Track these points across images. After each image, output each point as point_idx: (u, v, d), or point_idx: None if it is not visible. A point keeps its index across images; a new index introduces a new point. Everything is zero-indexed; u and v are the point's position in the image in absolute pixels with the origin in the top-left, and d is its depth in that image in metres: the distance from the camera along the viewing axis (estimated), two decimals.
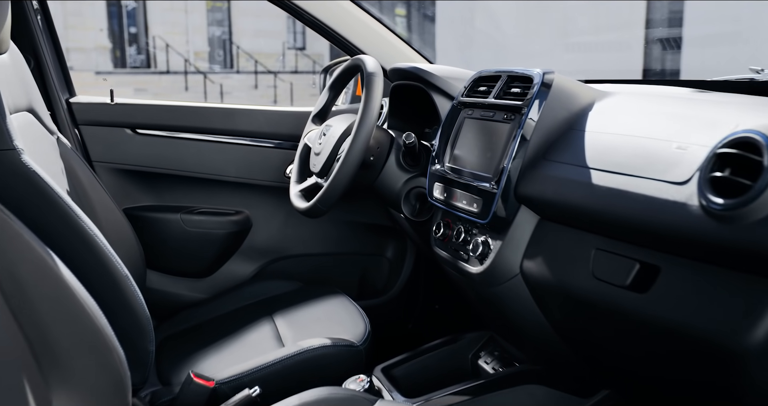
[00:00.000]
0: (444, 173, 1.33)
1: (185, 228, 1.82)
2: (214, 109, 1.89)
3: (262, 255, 1.95)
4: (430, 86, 1.52)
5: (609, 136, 1.05)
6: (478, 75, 1.36)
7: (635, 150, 0.97)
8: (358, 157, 1.33)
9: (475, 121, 1.30)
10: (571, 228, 1.07)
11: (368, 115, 1.34)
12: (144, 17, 16.22)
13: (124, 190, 1.87)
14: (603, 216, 0.97)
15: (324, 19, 1.73)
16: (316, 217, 1.45)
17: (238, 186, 1.91)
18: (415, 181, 1.48)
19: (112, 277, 1.14)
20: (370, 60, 1.43)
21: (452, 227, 1.34)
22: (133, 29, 16.32)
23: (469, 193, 1.22)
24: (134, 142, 1.86)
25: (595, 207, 0.98)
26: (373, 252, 2.03)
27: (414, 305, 2.05)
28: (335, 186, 1.35)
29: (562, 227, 1.09)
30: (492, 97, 1.26)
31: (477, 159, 1.25)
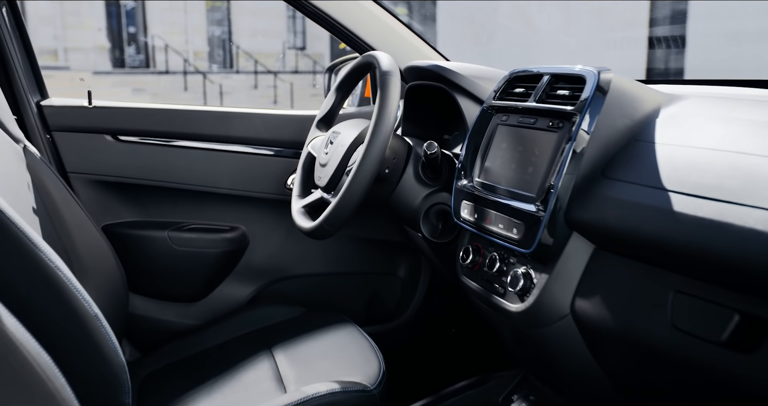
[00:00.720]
0: (474, 190, 1.13)
1: (173, 247, 1.63)
2: (206, 112, 1.69)
3: (260, 276, 1.76)
4: (453, 87, 1.33)
5: (689, 151, 0.85)
6: (512, 74, 1.16)
7: (729, 169, 0.77)
8: (371, 170, 1.13)
9: (510, 128, 1.10)
10: (638, 263, 0.87)
11: (384, 121, 1.14)
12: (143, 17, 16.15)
13: (104, 205, 1.68)
14: (688, 252, 0.76)
15: (329, 11, 1.55)
16: (323, 238, 1.25)
17: (233, 199, 1.73)
18: (437, 197, 1.28)
19: (78, 319, 0.94)
20: (384, 57, 1.23)
21: (483, 252, 1.14)
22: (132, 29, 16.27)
23: (507, 215, 1.02)
24: (115, 151, 1.67)
25: (678, 240, 0.77)
26: (383, 271, 1.84)
27: (429, 329, 1.86)
28: (345, 204, 1.15)
29: (627, 261, 0.89)
30: (533, 100, 1.06)
31: (515, 174, 1.05)
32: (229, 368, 1.30)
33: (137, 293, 1.67)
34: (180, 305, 1.71)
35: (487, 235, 1.08)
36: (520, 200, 1.01)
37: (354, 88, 1.46)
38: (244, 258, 1.74)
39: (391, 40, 1.61)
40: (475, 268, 1.15)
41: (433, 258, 1.46)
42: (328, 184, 1.28)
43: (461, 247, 1.20)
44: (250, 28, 16.60)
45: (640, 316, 0.86)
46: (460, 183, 1.18)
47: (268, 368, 1.28)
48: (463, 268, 1.19)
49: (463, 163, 1.19)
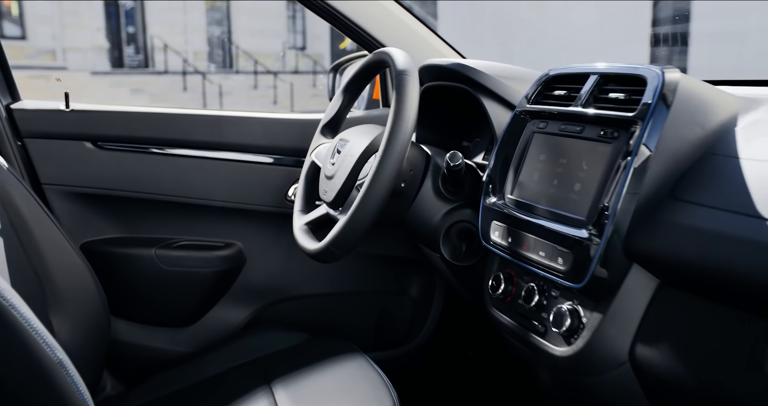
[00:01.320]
0: (506, 209, 0.96)
1: (161, 266, 1.48)
2: (198, 116, 1.52)
3: (258, 297, 1.60)
4: (478, 89, 1.17)
5: None
6: (550, 74, 1.00)
7: None
8: (387, 186, 0.98)
9: (550, 137, 0.94)
10: (720, 305, 0.71)
11: (402, 128, 0.98)
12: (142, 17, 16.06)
13: (83, 221, 1.52)
14: None
15: (335, 5, 1.39)
16: (329, 262, 1.09)
17: (228, 212, 1.56)
18: (459, 214, 1.13)
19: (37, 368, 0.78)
20: (399, 54, 1.07)
21: (516, 281, 0.98)
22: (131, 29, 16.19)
23: (550, 241, 0.86)
24: (96, 159, 1.50)
25: None
26: (393, 290, 1.69)
27: (444, 353, 1.70)
28: (356, 224, 1.00)
29: (705, 302, 0.72)
30: (579, 104, 0.90)
31: (558, 192, 0.89)
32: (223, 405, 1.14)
33: (121, 317, 1.51)
34: (169, 331, 1.56)
35: (524, 263, 0.92)
36: (566, 224, 0.85)
37: (363, 89, 1.30)
38: (241, 278, 1.58)
39: (404, 36, 1.46)
40: (507, 300, 0.99)
41: (454, 282, 1.30)
42: (335, 199, 1.12)
43: (490, 273, 1.04)
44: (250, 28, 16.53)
45: (724, 371, 0.70)
46: (489, 200, 1.02)
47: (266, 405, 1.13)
48: (493, 299, 1.02)
49: (492, 177, 1.03)
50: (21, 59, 13.49)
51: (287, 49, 17.12)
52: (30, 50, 13.79)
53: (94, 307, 1.19)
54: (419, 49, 1.44)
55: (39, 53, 13.89)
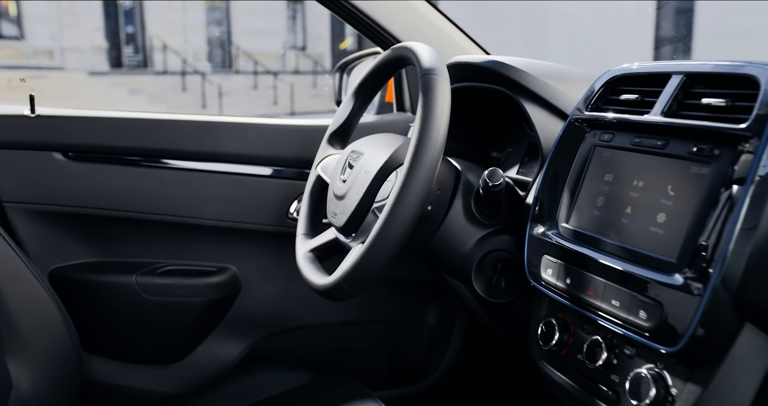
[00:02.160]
0: (562, 241, 0.78)
1: (143, 296, 1.29)
2: (185, 122, 1.33)
3: (256, 329, 1.42)
4: (519, 91, 0.98)
5: None
6: (617, 73, 0.81)
7: None
8: (414, 211, 0.80)
9: (619, 153, 0.76)
10: None
11: (432, 139, 0.81)
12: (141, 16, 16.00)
13: (52, 244, 1.34)
14: None
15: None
16: (340, 301, 0.91)
17: (220, 233, 1.38)
18: (495, 241, 0.95)
19: None
20: (425, 50, 0.89)
21: (574, 331, 0.79)
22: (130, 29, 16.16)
23: (628, 288, 0.67)
24: (67, 172, 1.31)
25: None
26: (408, 318, 1.52)
27: (467, 389, 1.51)
28: (374, 258, 0.82)
29: None
30: (659, 112, 0.72)
31: (633, 224, 0.71)
32: None
33: (96, 354, 1.34)
34: (152, 369, 1.37)
35: (589, 312, 0.73)
36: (648, 267, 0.66)
37: (378, 91, 1.11)
38: (236, 306, 1.40)
39: (423, 31, 1.27)
40: (562, 352, 0.80)
41: (485, 319, 1.11)
42: (348, 224, 0.93)
43: (538, 318, 0.85)
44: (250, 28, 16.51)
45: None
46: (538, 230, 0.83)
47: None
48: (543, 351, 0.83)
49: (540, 200, 0.84)
50: (18, 59, 13.42)
51: (287, 49, 17.05)
52: (27, 50, 13.80)
53: (62, 345, 1.04)
54: (440, 45, 1.26)
55: (36, 53, 13.89)
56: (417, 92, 1.39)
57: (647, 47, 9.13)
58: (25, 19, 13.95)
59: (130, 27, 15.98)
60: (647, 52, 9.07)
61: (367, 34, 1.29)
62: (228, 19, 16.90)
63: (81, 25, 14.53)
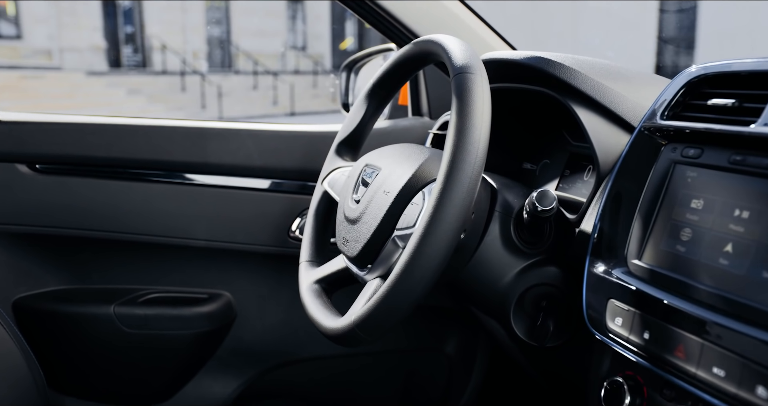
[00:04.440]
0: (633, 283, 0.62)
1: (123, 329, 1.14)
2: (173, 128, 1.18)
3: (252, 363, 1.28)
4: (569, 93, 0.83)
5: None
6: (702, 72, 0.65)
7: None
8: (448, 243, 0.66)
9: (711, 173, 0.60)
10: None
11: (470, 152, 0.66)
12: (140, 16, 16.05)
13: (16, 269, 1.20)
14: None
15: None
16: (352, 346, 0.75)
17: (212, 254, 1.23)
18: (538, 274, 0.81)
19: None
20: (457, 44, 0.74)
21: (648, 394, 0.63)
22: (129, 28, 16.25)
23: (737, 353, 0.51)
24: (34, 186, 1.17)
25: None
26: (425, 347, 1.37)
27: None
28: (398, 303, 0.67)
29: None
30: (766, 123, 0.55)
31: (736, 266, 0.55)
32: None
33: (67, 394, 1.18)
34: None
35: (678, 379, 0.57)
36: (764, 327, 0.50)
37: (395, 93, 0.95)
38: (229, 338, 1.26)
39: (446, 25, 1.11)
40: None
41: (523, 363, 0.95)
42: (362, 254, 0.77)
43: (599, 373, 0.69)
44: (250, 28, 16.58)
45: None
46: (599, 268, 0.67)
47: None
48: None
49: (600, 228, 0.68)
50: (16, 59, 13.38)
51: (287, 49, 17.06)
52: (25, 50, 13.85)
53: (24, 390, 0.90)
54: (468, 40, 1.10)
55: (35, 53, 13.93)
56: (437, 94, 1.24)
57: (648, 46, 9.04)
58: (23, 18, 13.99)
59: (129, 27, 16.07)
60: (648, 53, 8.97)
61: (379, 29, 1.14)
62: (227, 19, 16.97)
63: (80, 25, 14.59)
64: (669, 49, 9.03)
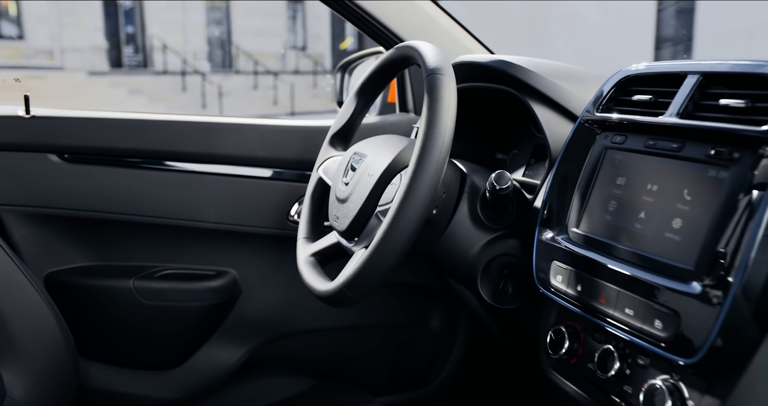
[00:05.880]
0: (572, 247, 0.75)
1: (141, 300, 1.27)
2: (184, 123, 1.31)
3: (256, 334, 1.40)
4: (526, 91, 0.96)
5: None
6: (629, 73, 0.79)
7: None
8: (419, 216, 0.77)
9: (632, 156, 0.73)
10: None
11: (438, 141, 0.78)
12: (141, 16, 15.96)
13: (48, 247, 1.31)
14: None
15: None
16: (343, 307, 0.88)
17: (220, 236, 1.35)
18: (501, 246, 0.93)
19: None
20: (430, 49, 0.87)
21: (584, 339, 0.77)
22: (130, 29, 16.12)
23: (641, 296, 0.65)
24: (63, 174, 1.29)
25: None
26: (411, 322, 1.49)
27: (470, 395, 1.48)
28: (378, 264, 0.79)
29: None
30: (675, 114, 0.69)
31: (647, 229, 0.69)
32: None
33: (93, 360, 1.31)
34: (150, 375, 1.34)
35: (601, 321, 0.71)
36: (664, 274, 0.64)
37: (381, 91, 1.09)
38: (235, 311, 1.37)
39: (427, 30, 1.25)
40: (572, 361, 0.78)
41: (491, 326, 1.08)
42: (350, 228, 0.90)
43: (547, 325, 0.83)
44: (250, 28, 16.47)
45: None
46: (547, 235, 0.80)
47: None
48: (552, 359, 0.81)
49: (549, 203, 0.82)
50: (18, 59, 13.38)
51: (287, 49, 17.00)
52: (27, 50, 13.75)
53: (57, 351, 1.01)
54: (444, 44, 1.23)
55: (36, 53, 13.84)
56: (421, 92, 1.37)
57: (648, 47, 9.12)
58: (25, 19, 13.88)
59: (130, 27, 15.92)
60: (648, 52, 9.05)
61: (369, 33, 1.26)
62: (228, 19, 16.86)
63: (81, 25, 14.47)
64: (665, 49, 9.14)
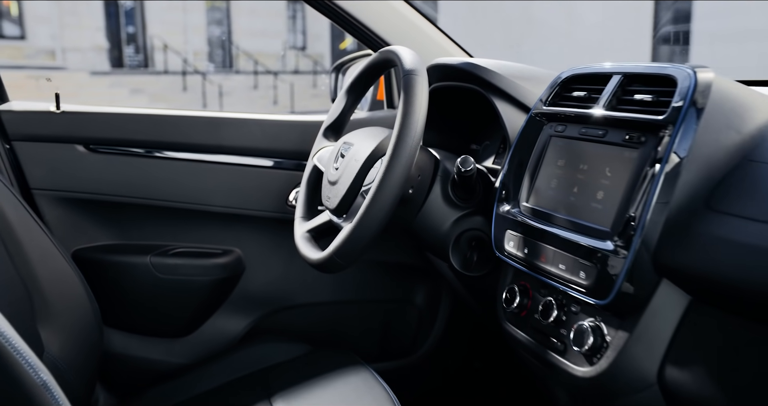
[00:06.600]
0: (521, 217, 0.91)
1: (156, 274, 1.41)
2: (194, 118, 1.46)
3: (258, 306, 1.54)
4: (490, 89, 1.11)
5: None
6: (569, 74, 0.94)
7: None
8: (395, 192, 0.92)
9: (569, 141, 0.89)
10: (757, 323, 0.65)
11: (410, 130, 0.93)
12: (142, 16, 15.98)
13: (75, 227, 1.46)
14: None
15: (339, 4, 1.34)
16: (332, 272, 1.03)
17: (226, 218, 1.50)
18: (469, 222, 1.07)
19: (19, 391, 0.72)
20: (407, 53, 1.02)
21: (533, 295, 0.92)
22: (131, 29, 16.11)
23: (571, 253, 0.80)
24: (88, 163, 1.44)
25: None
26: (398, 298, 1.63)
27: (451, 364, 1.64)
28: (361, 233, 0.94)
29: (740, 320, 0.67)
30: (601, 106, 0.84)
31: (578, 200, 0.84)
32: None
33: (114, 327, 1.45)
34: (164, 341, 1.49)
35: (542, 276, 0.86)
36: (588, 235, 0.79)
37: (368, 90, 1.24)
38: (240, 286, 1.52)
39: (410, 35, 1.40)
40: (522, 314, 0.93)
41: (462, 292, 1.24)
42: (339, 206, 1.06)
43: (503, 285, 0.98)
44: (250, 28, 16.45)
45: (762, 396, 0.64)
46: (503, 208, 0.96)
47: None
48: (507, 313, 0.96)
49: (505, 183, 0.97)
50: (20, 59, 13.41)
51: (287, 49, 17.05)
52: (29, 50, 13.72)
53: (85, 317, 1.13)
54: (426, 48, 1.38)
55: (38, 53, 13.81)
56: None
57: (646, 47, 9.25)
58: (26, 19, 13.84)
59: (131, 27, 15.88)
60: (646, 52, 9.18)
61: (359, 38, 1.41)
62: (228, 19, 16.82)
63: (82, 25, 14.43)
64: None
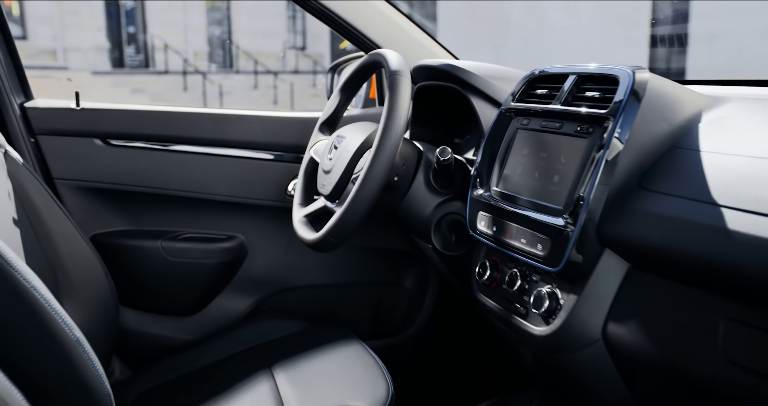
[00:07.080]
0: (491, 200, 1.03)
1: (167, 257, 1.54)
2: (202, 114, 1.59)
3: (259, 288, 1.66)
4: (467, 88, 1.23)
5: (741, 160, 0.76)
6: (533, 74, 1.07)
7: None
8: (380, 178, 1.04)
9: (532, 133, 1.01)
10: (682, 285, 0.78)
11: (394, 124, 1.05)
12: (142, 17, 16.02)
13: (93, 214, 1.58)
14: (746, 276, 0.67)
15: (333, 8, 1.45)
16: (326, 251, 1.16)
17: (230, 206, 1.63)
18: (449, 206, 1.19)
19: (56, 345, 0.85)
20: (393, 55, 1.14)
21: (501, 268, 1.05)
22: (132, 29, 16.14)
23: (531, 229, 0.93)
24: (105, 155, 1.57)
25: (734, 262, 0.68)
26: (389, 281, 1.74)
27: (438, 343, 1.76)
28: (351, 215, 1.06)
29: (669, 283, 0.79)
30: (558, 102, 0.97)
31: (538, 184, 0.96)
32: (226, 389, 1.21)
33: (128, 306, 1.57)
34: (174, 319, 1.62)
35: (507, 250, 0.99)
36: (545, 213, 0.92)
37: (359, 88, 1.37)
38: (243, 269, 1.64)
39: (399, 38, 1.52)
40: (492, 285, 1.06)
41: (444, 271, 1.36)
42: (332, 192, 1.18)
43: (477, 261, 1.11)
44: (250, 28, 16.46)
45: (684, 345, 0.77)
46: (476, 192, 1.08)
47: (268, 389, 1.19)
48: (480, 284, 1.09)
49: (479, 171, 1.10)
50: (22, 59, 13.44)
51: (287, 49, 17.10)
52: (31, 50, 13.71)
53: (103, 296, 1.23)
54: (413, 50, 1.51)
55: (40, 53, 13.82)
56: None
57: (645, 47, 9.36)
58: (28, 19, 13.87)
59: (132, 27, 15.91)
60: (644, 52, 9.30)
61: (351, 40, 1.54)
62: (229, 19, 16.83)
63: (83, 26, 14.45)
64: None
